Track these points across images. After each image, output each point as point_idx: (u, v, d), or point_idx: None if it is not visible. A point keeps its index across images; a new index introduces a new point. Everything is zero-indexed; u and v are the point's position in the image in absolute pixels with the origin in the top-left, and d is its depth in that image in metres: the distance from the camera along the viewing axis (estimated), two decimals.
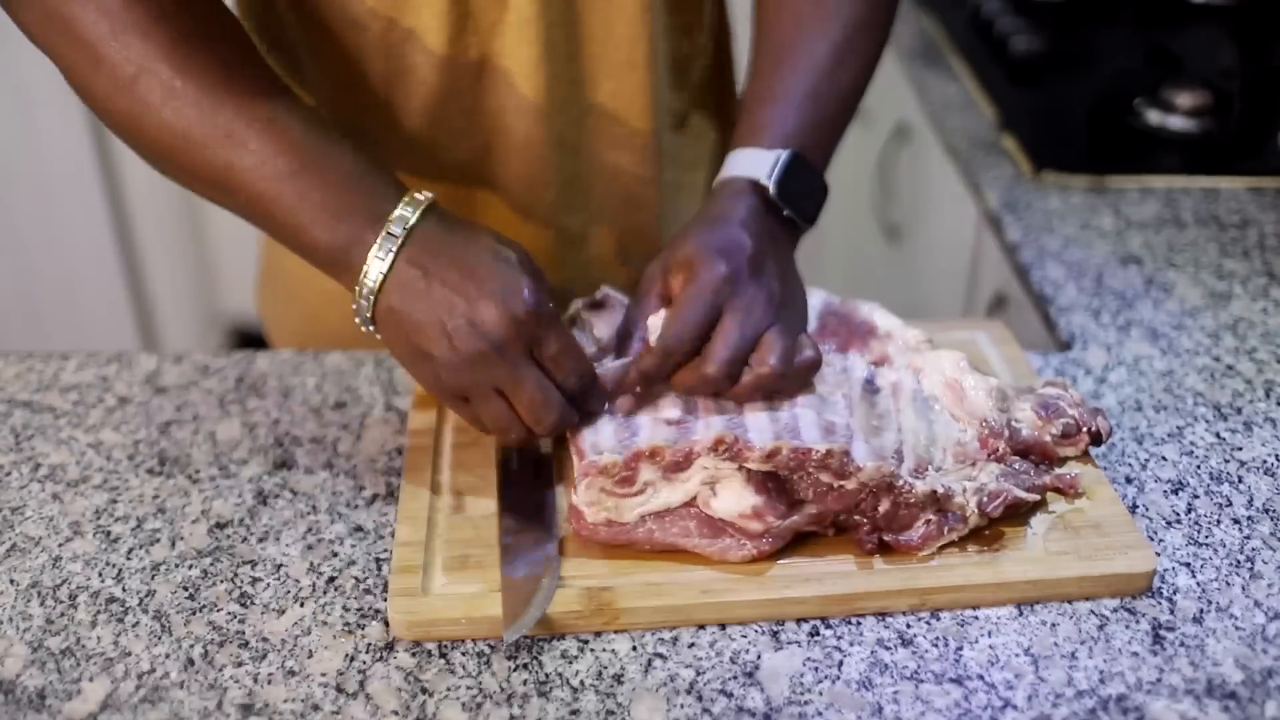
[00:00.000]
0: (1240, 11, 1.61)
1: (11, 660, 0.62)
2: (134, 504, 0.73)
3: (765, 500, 0.65)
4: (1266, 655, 0.62)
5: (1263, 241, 1.05)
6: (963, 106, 1.37)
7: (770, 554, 0.66)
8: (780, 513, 0.65)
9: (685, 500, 0.66)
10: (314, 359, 0.87)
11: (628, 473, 0.65)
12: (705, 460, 0.65)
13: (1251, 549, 0.69)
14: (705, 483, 0.66)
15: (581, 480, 0.65)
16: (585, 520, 0.66)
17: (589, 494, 0.65)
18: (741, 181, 0.74)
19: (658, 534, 0.66)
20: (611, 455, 0.65)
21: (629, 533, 0.66)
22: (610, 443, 0.67)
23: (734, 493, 0.65)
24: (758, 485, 0.65)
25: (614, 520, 0.66)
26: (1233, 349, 0.89)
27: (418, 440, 0.76)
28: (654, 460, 0.65)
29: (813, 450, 0.64)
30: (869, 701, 0.59)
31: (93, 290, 2.22)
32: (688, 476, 0.66)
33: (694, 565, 0.66)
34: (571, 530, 0.68)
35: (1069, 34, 1.57)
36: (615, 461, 0.65)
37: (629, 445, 0.66)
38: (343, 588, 0.67)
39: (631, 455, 0.65)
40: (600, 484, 0.65)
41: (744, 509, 0.65)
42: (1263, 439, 0.79)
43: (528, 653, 0.62)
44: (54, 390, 0.84)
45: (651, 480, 0.66)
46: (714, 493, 0.66)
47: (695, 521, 0.66)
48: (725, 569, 0.66)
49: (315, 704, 0.59)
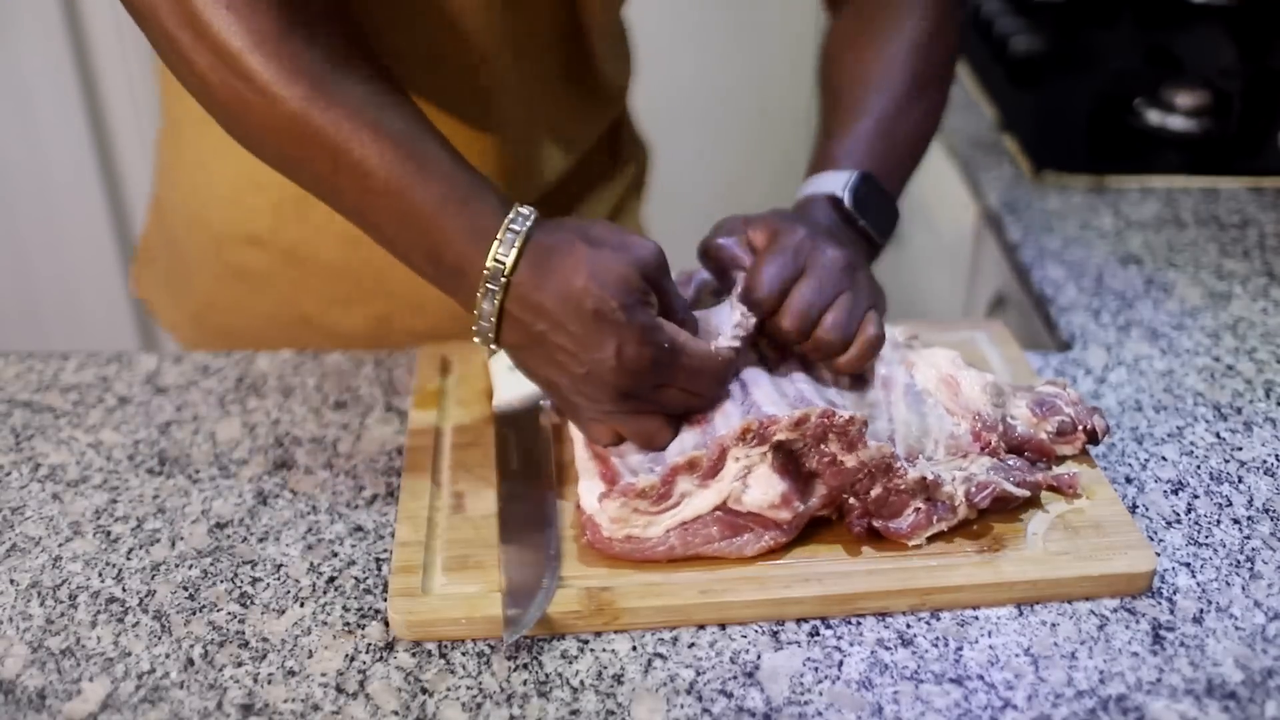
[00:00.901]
0: (1240, 11, 1.61)
1: (11, 660, 0.62)
2: (134, 504, 0.73)
3: (790, 485, 0.65)
4: (1266, 655, 0.62)
5: (1263, 241, 1.05)
6: (963, 106, 1.37)
7: (786, 544, 0.66)
8: (803, 494, 0.66)
9: (718, 502, 0.66)
10: (314, 359, 0.87)
11: (664, 489, 0.65)
12: (736, 451, 0.65)
13: (1251, 549, 0.69)
14: (738, 478, 0.65)
15: (614, 499, 0.65)
16: (601, 534, 0.66)
17: (620, 512, 0.65)
18: (819, 198, 0.78)
19: (679, 548, 0.65)
20: (649, 477, 0.65)
21: (649, 548, 0.65)
22: (637, 458, 0.67)
23: (764, 481, 0.65)
24: (780, 469, 0.65)
25: (635, 536, 0.66)
26: (1233, 349, 0.89)
27: (418, 440, 0.76)
28: (692, 471, 0.65)
29: (838, 414, 0.65)
30: (869, 701, 0.59)
31: (93, 290, 2.22)
32: (721, 477, 0.66)
33: (694, 565, 0.66)
34: (583, 541, 0.67)
35: (1069, 34, 1.56)
36: (654, 483, 0.65)
37: (659, 459, 0.67)
38: (343, 588, 0.67)
39: (669, 471, 0.65)
40: (635, 504, 0.65)
41: (773, 498, 0.65)
42: (1263, 439, 0.79)
43: (528, 653, 0.62)
44: (54, 390, 0.84)
45: (687, 491, 0.66)
46: (745, 485, 0.65)
47: (718, 526, 0.66)
48: (725, 569, 0.66)
49: (315, 704, 0.59)
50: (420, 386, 0.81)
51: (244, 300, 0.95)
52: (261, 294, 0.94)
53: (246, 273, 0.94)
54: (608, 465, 0.68)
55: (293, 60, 0.62)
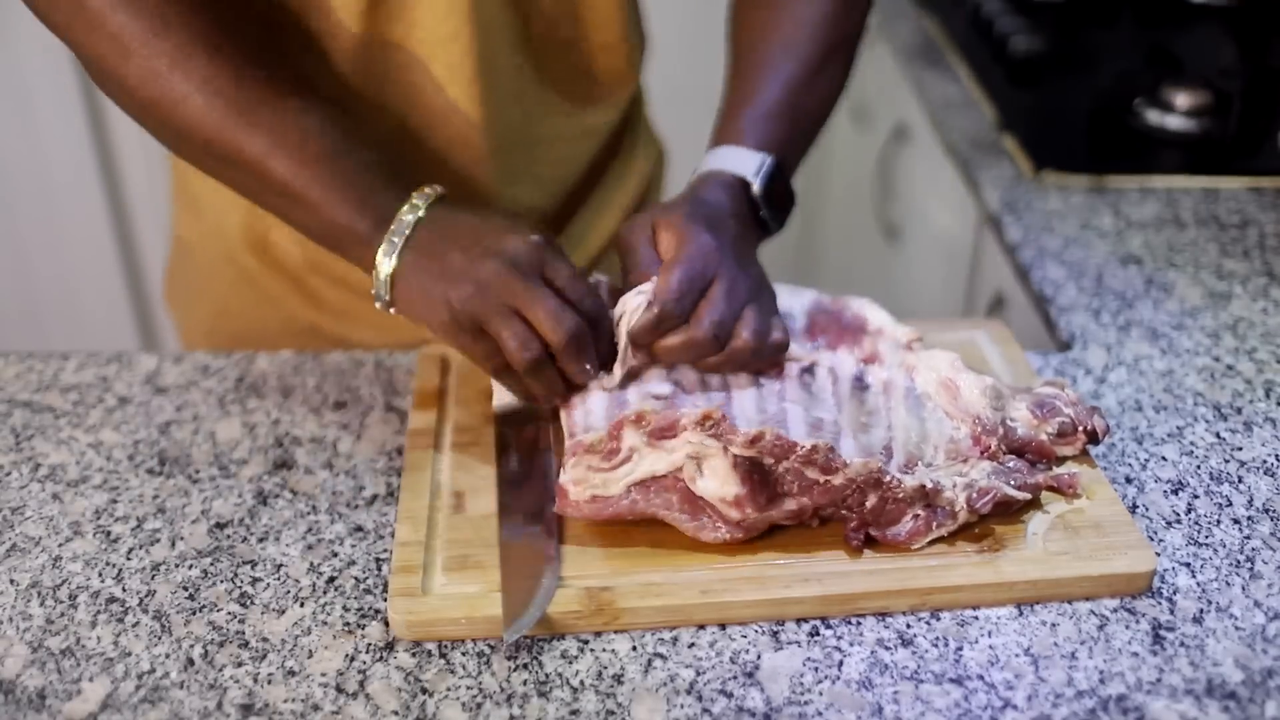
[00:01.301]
0: (1240, 11, 1.61)
1: (11, 660, 0.62)
2: (134, 504, 0.73)
3: (748, 491, 0.65)
4: (1266, 655, 0.62)
5: (1263, 241, 1.05)
6: (963, 106, 1.37)
7: (743, 541, 0.66)
8: (759, 505, 0.65)
9: (670, 470, 0.66)
10: (314, 359, 0.87)
11: (613, 443, 0.66)
12: (691, 435, 0.66)
13: (1251, 549, 0.69)
14: (691, 456, 0.66)
15: (569, 459, 0.67)
16: (569, 499, 0.67)
17: (576, 472, 0.67)
18: (728, 175, 0.78)
19: (640, 503, 0.66)
20: (596, 432, 0.67)
21: (613, 506, 0.66)
22: (601, 420, 0.69)
23: (719, 475, 0.65)
24: (743, 475, 0.65)
25: (599, 495, 0.66)
26: (1233, 349, 0.89)
27: (418, 440, 0.76)
28: (639, 425, 0.66)
29: (798, 445, 0.65)
30: (869, 701, 0.59)
31: (93, 290, 2.22)
32: (673, 447, 0.66)
33: (694, 565, 0.66)
34: (556, 508, 0.68)
35: (1069, 34, 1.56)
36: (601, 436, 0.67)
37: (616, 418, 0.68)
38: (343, 588, 0.67)
39: (615, 423, 0.66)
40: (587, 461, 0.66)
41: (726, 495, 0.65)
42: (1263, 439, 0.79)
43: (528, 653, 0.62)
44: (54, 390, 0.84)
45: (636, 446, 0.66)
46: (700, 471, 0.66)
47: (678, 495, 0.66)
48: (726, 569, 0.66)
49: (315, 704, 0.59)
50: (420, 386, 0.81)
51: (254, 308, 0.96)
52: (271, 303, 0.95)
53: (257, 280, 0.94)
54: (572, 431, 0.70)
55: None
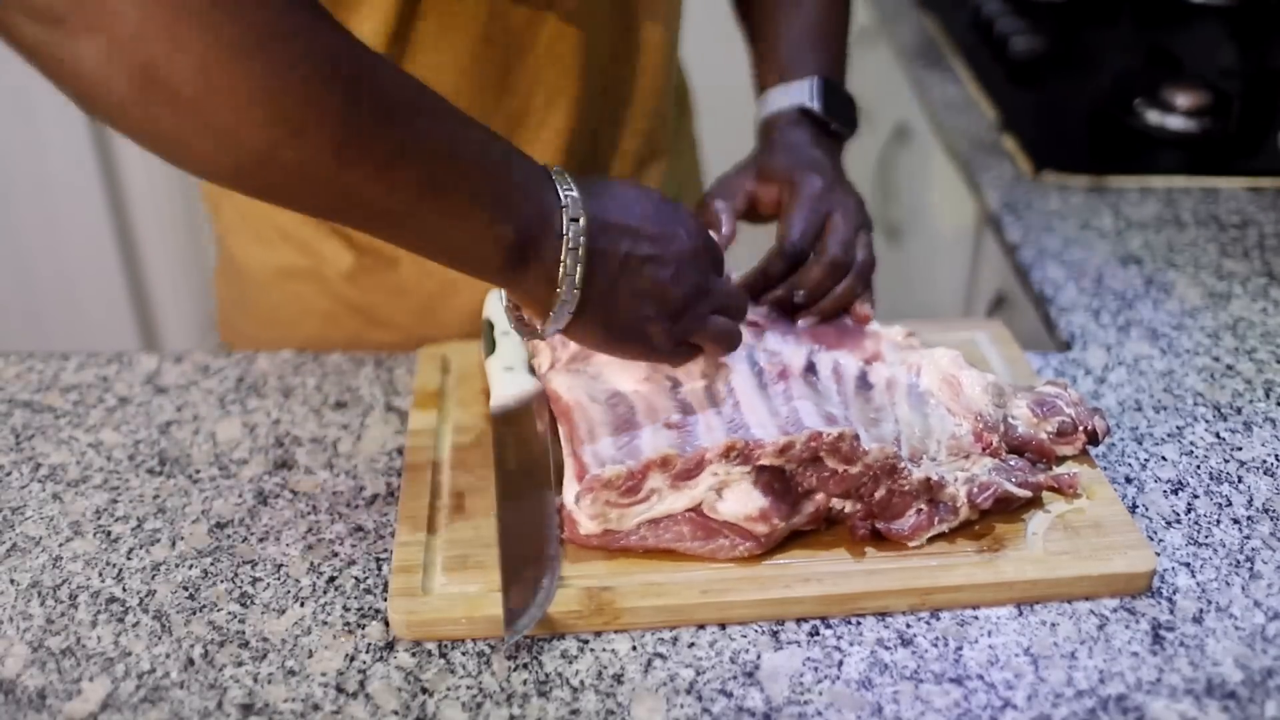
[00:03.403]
0: (1240, 11, 1.61)
1: (11, 660, 0.62)
2: (134, 504, 0.73)
3: (772, 501, 0.65)
4: (1266, 655, 0.62)
5: (1263, 241, 1.05)
6: (963, 106, 1.37)
7: (764, 552, 0.66)
8: (784, 513, 0.65)
9: (689, 506, 0.66)
10: (314, 359, 0.87)
11: (632, 482, 0.65)
12: (716, 466, 0.65)
13: (1251, 549, 0.69)
14: (713, 488, 0.66)
15: (585, 495, 0.65)
16: (578, 531, 0.66)
17: (592, 507, 0.65)
18: (791, 111, 0.84)
19: (650, 540, 0.66)
20: (615, 467, 0.65)
21: (622, 540, 0.66)
22: (610, 452, 0.67)
23: (741, 495, 0.65)
24: (764, 486, 0.65)
25: (611, 530, 0.66)
26: (1233, 349, 0.89)
27: (418, 440, 0.76)
28: (665, 469, 0.65)
29: (824, 434, 0.65)
30: (869, 701, 0.59)
31: (93, 290, 2.22)
32: (696, 483, 0.66)
33: (694, 565, 0.66)
34: (563, 536, 0.67)
35: (1069, 34, 1.56)
36: (619, 473, 0.65)
37: (632, 452, 0.66)
38: (343, 588, 0.67)
39: (642, 466, 0.65)
40: (605, 497, 0.65)
41: (750, 511, 0.65)
42: (1263, 439, 0.79)
43: (528, 653, 0.62)
44: (54, 390, 0.84)
45: (658, 488, 0.66)
46: (720, 496, 0.66)
47: (689, 526, 0.66)
48: (726, 569, 0.66)
49: (315, 704, 0.59)
50: (420, 386, 0.81)
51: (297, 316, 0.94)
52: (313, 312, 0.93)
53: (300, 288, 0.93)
54: (581, 463, 0.68)
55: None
